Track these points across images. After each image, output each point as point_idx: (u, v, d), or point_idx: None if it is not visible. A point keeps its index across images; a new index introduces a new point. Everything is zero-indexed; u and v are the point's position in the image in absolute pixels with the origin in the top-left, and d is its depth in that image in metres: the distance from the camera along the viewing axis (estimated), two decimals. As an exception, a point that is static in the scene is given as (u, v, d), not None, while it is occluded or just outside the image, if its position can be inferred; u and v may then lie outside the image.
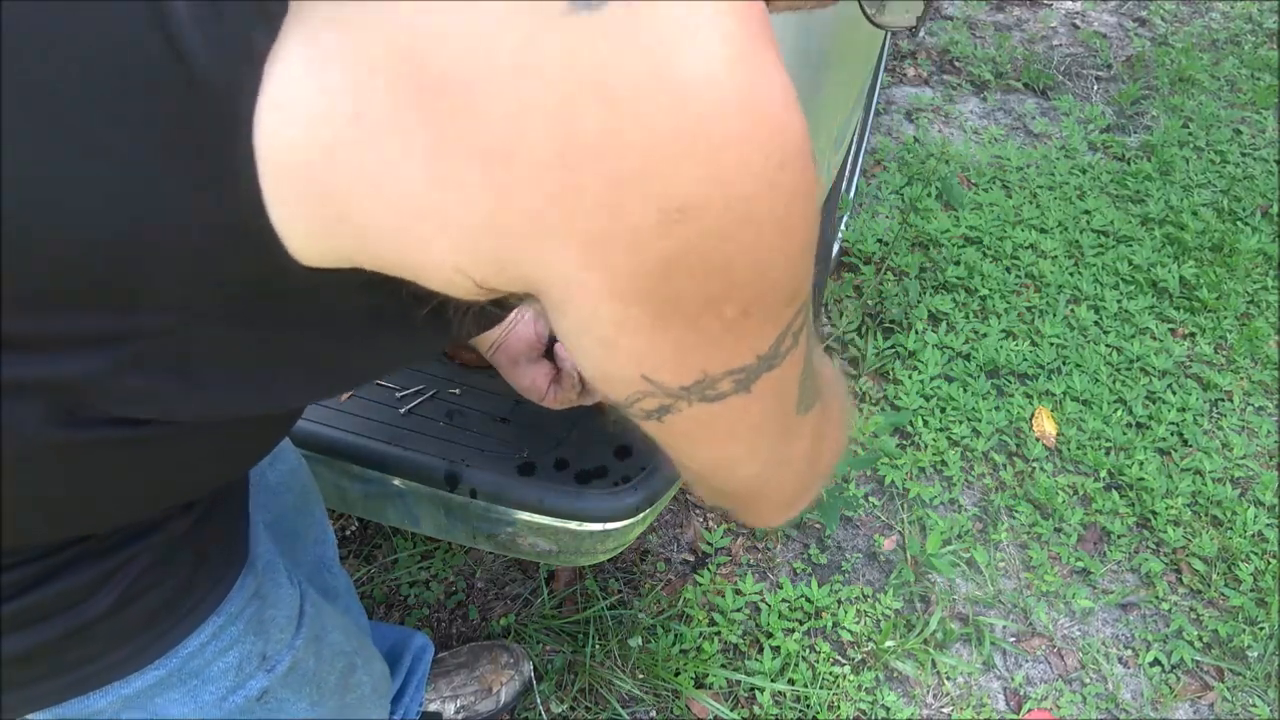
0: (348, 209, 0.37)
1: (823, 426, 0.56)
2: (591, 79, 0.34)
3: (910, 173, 2.53)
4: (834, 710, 1.48)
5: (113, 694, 0.60)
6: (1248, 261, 2.35)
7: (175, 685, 0.64)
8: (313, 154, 0.36)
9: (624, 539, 1.03)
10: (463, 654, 1.46)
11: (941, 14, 3.32)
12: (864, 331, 2.07)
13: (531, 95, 0.34)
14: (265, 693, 0.71)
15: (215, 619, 0.64)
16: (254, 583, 0.69)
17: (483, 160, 0.35)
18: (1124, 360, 2.07)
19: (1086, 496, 1.81)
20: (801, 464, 0.56)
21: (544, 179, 0.35)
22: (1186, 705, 1.55)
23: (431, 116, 0.34)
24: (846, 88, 1.16)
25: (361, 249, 0.39)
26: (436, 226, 0.37)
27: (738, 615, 1.58)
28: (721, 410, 0.45)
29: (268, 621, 0.70)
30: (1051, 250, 2.32)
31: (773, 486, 0.55)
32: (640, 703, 1.47)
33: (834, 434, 0.60)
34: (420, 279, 0.40)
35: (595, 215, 0.36)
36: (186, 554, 0.61)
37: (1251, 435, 1.96)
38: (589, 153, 0.34)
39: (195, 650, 0.63)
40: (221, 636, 0.65)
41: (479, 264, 0.39)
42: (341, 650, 0.83)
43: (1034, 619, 1.63)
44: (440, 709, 1.39)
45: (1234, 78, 3.10)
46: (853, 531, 1.73)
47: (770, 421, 0.49)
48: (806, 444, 0.55)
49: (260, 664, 0.70)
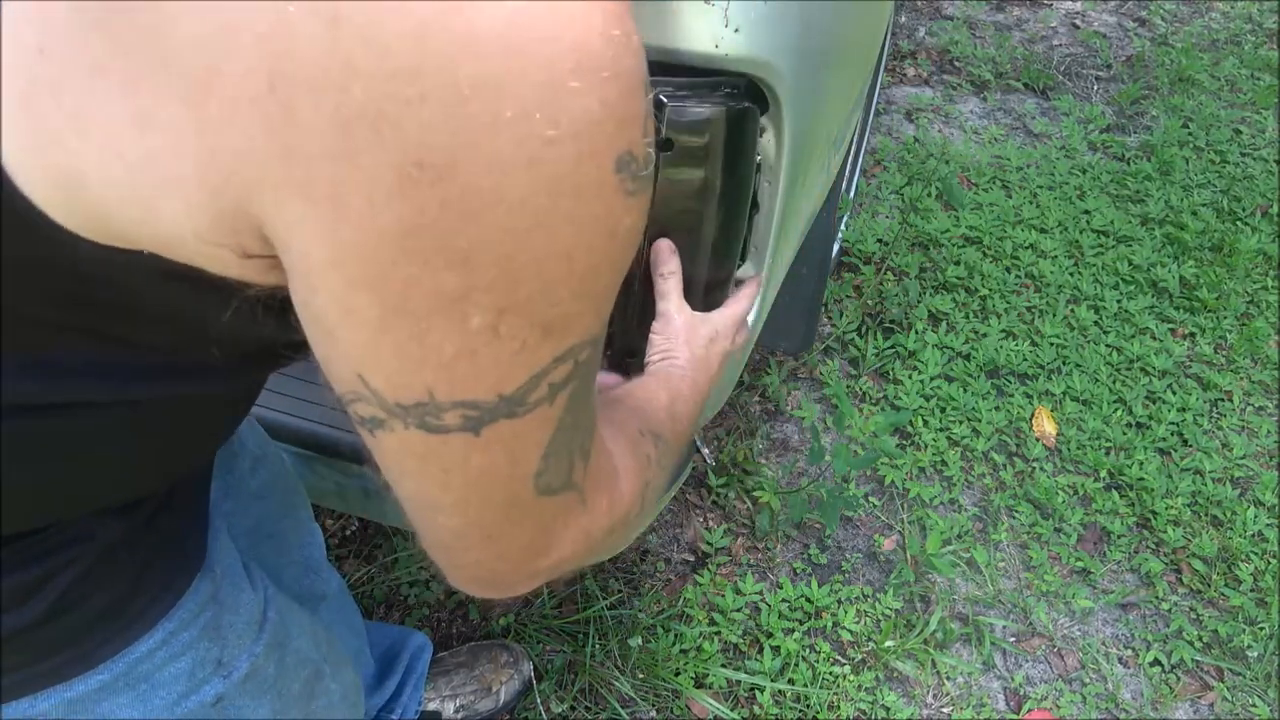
0: (76, 168, 0.32)
1: (571, 525, 0.46)
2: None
3: (910, 173, 2.53)
4: (834, 710, 1.48)
5: (55, 697, 0.58)
6: (1248, 261, 2.35)
7: (123, 689, 0.61)
8: (14, 105, 0.30)
9: (624, 539, 1.03)
10: (462, 653, 1.46)
11: (941, 14, 3.32)
12: (864, 331, 2.07)
13: (236, 10, 0.28)
14: (221, 699, 0.68)
15: (166, 624, 0.61)
16: (210, 587, 0.66)
17: (183, 93, 0.29)
18: (1124, 360, 2.07)
19: (1086, 496, 1.81)
20: (517, 551, 0.46)
21: (253, 113, 0.29)
22: (1186, 705, 1.55)
23: (122, 42, 0.29)
24: (846, 88, 1.16)
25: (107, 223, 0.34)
26: (155, 182, 0.31)
27: (738, 615, 1.58)
28: (439, 445, 0.38)
29: (225, 627, 0.68)
30: (1051, 250, 2.32)
31: (472, 556, 0.46)
32: (640, 703, 1.47)
33: (586, 540, 0.48)
34: (173, 254, 0.35)
35: (318, 163, 0.30)
36: (129, 560, 0.58)
37: (1251, 435, 1.96)
38: (308, 82, 0.28)
39: (144, 655, 0.61)
40: (172, 642, 0.63)
41: (217, 228, 0.33)
42: (308, 658, 0.80)
43: (1034, 619, 1.63)
44: (440, 708, 1.39)
45: (1234, 78, 3.10)
46: (853, 531, 1.73)
47: (492, 484, 0.41)
48: (532, 534, 0.45)
49: (215, 669, 0.67)
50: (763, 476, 1.77)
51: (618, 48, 0.32)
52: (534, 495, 0.42)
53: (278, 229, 0.32)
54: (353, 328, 0.34)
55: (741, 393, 1.93)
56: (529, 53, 0.29)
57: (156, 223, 0.33)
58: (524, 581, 0.49)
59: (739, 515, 1.73)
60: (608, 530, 0.50)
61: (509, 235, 0.32)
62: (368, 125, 0.29)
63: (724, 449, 1.81)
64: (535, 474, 0.41)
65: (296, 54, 0.28)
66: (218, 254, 0.35)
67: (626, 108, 0.32)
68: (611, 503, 0.50)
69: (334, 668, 0.85)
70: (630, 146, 0.33)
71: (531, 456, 0.40)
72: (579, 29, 0.31)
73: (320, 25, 0.28)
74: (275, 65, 0.28)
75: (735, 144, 0.84)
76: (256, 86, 0.29)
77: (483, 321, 0.34)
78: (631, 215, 0.35)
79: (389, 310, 0.33)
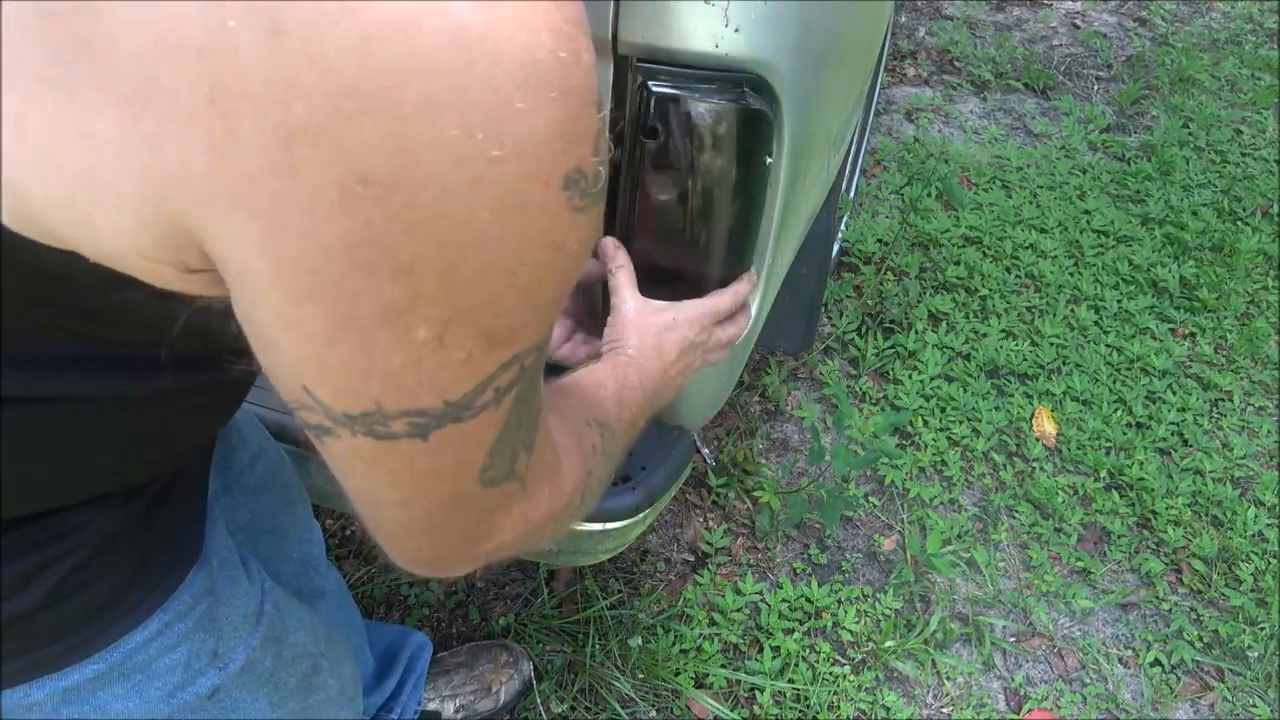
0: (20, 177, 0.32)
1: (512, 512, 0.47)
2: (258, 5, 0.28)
3: (910, 173, 2.53)
4: (834, 710, 1.48)
5: (49, 686, 0.58)
6: (1248, 261, 2.35)
7: (118, 680, 0.62)
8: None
9: (624, 539, 1.03)
10: (462, 653, 1.46)
11: (941, 14, 3.32)
12: (864, 331, 2.07)
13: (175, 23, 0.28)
14: (217, 690, 0.69)
15: (161, 615, 0.62)
16: (206, 580, 0.66)
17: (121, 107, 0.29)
18: (1124, 360, 2.07)
19: (1086, 496, 1.81)
20: (459, 539, 0.48)
21: (194, 128, 0.29)
22: (1186, 705, 1.55)
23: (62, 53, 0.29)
24: (846, 88, 1.16)
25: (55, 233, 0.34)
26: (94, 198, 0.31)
27: (738, 615, 1.58)
28: (387, 451, 0.39)
29: (220, 619, 0.68)
30: (1051, 250, 2.32)
31: (414, 543, 0.48)
32: (640, 703, 1.47)
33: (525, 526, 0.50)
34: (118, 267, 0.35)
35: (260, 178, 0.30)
36: (128, 551, 0.59)
37: (1251, 435, 1.96)
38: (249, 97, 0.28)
39: (139, 645, 0.61)
40: (168, 633, 0.63)
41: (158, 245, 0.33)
42: (305, 651, 0.80)
43: (1034, 619, 1.63)
44: (440, 708, 1.39)
45: (1234, 78, 3.10)
46: (853, 531, 1.73)
47: (438, 482, 0.42)
48: (474, 523, 0.46)
49: (211, 661, 0.67)
50: (763, 476, 1.77)
51: (566, 68, 0.32)
52: (479, 489, 0.43)
53: (218, 245, 0.32)
54: (297, 341, 0.35)
55: (741, 393, 1.93)
56: (474, 73, 0.29)
57: (97, 238, 0.33)
58: (464, 564, 0.50)
59: (739, 515, 1.73)
60: (548, 517, 0.51)
61: (453, 250, 0.32)
62: (309, 141, 0.29)
63: (724, 449, 1.81)
64: (481, 470, 0.42)
65: (237, 68, 0.28)
66: (159, 270, 0.35)
67: (575, 127, 0.33)
68: (552, 491, 0.51)
69: (332, 663, 0.85)
70: (579, 165, 0.33)
71: (477, 455, 0.41)
72: (525, 50, 0.30)
73: (261, 40, 0.28)
74: (215, 80, 0.28)
75: (738, 142, 0.84)
76: (196, 101, 0.28)
77: (429, 333, 0.34)
78: (579, 230, 0.35)
79: (335, 324, 0.33)
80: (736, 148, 0.83)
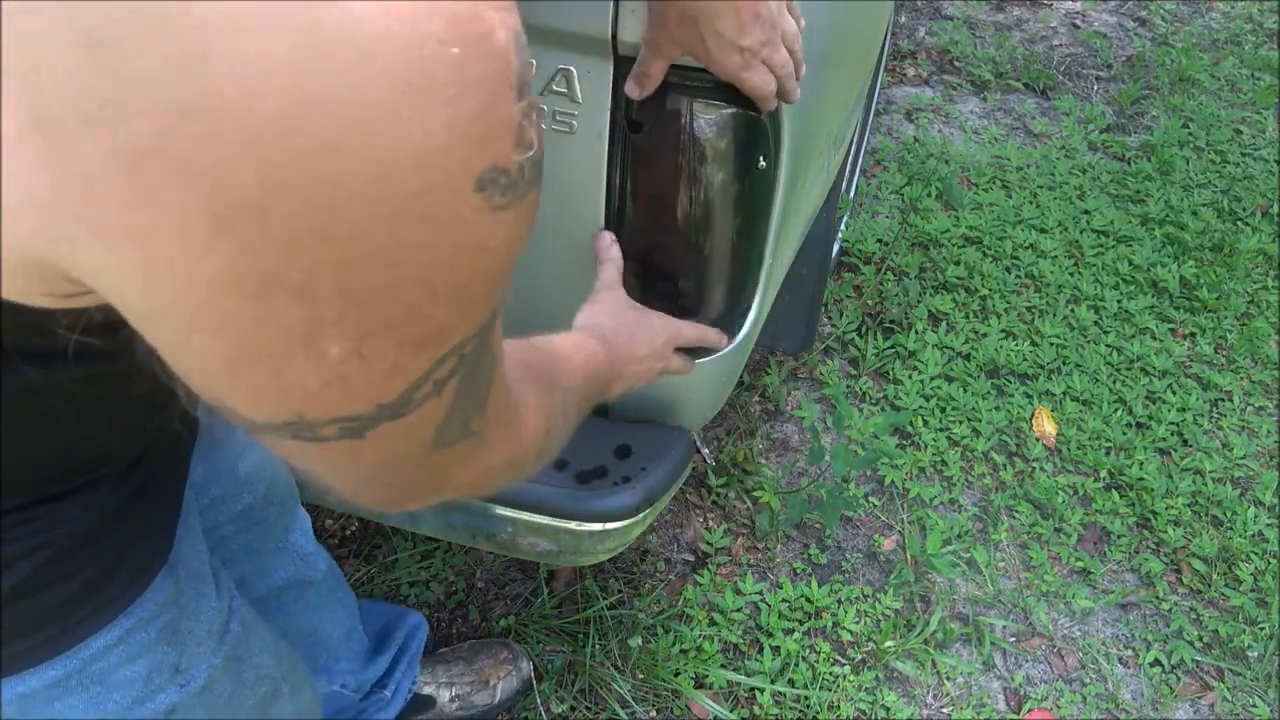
0: None
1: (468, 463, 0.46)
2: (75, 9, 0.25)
3: (910, 173, 2.53)
4: (834, 710, 1.48)
5: (7, 691, 0.57)
6: (1248, 261, 2.35)
7: (76, 689, 0.60)
8: None
9: (624, 539, 1.03)
10: (464, 649, 1.46)
11: (941, 14, 3.32)
12: (864, 331, 2.07)
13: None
14: (174, 709, 0.66)
15: (124, 621, 0.60)
16: (172, 589, 0.64)
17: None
18: (1124, 360, 2.07)
19: (1086, 496, 1.81)
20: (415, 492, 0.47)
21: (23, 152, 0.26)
22: (1186, 705, 1.55)
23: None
24: (846, 88, 1.16)
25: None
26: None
27: (738, 615, 1.58)
28: (321, 449, 0.37)
29: (184, 633, 0.66)
30: (1051, 250, 2.32)
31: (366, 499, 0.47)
32: (640, 703, 1.47)
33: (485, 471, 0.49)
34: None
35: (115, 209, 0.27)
36: (95, 552, 0.57)
37: (1251, 435, 1.96)
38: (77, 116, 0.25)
39: (99, 652, 0.59)
40: (130, 641, 0.61)
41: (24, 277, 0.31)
42: (267, 675, 0.78)
43: (1034, 619, 1.63)
44: (435, 694, 1.39)
45: (1234, 78, 3.10)
46: (853, 531, 1.73)
47: (385, 465, 0.40)
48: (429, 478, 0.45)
49: (172, 676, 0.65)
50: (763, 476, 1.77)
51: (463, 59, 0.28)
52: (431, 454, 0.42)
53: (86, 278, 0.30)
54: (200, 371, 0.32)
55: (741, 393, 1.93)
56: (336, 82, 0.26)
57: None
58: (417, 503, 0.49)
59: (739, 515, 1.73)
60: (506, 463, 0.50)
61: (352, 269, 0.29)
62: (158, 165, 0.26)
63: (724, 449, 1.81)
64: (431, 445, 0.40)
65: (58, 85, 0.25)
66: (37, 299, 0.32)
67: (484, 123, 0.29)
68: (511, 436, 0.50)
69: (293, 689, 0.84)
70: (495, 162, 0.30)
71: (425, 437, 0.39)
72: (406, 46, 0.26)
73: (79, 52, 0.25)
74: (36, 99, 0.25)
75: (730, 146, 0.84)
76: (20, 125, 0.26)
77: (343, 350, 0.31)
78: (505, 228, 0.32)
79: (235, 355, 0.31)
80: (728, 151, 0.84)
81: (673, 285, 0.93)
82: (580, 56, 0.80)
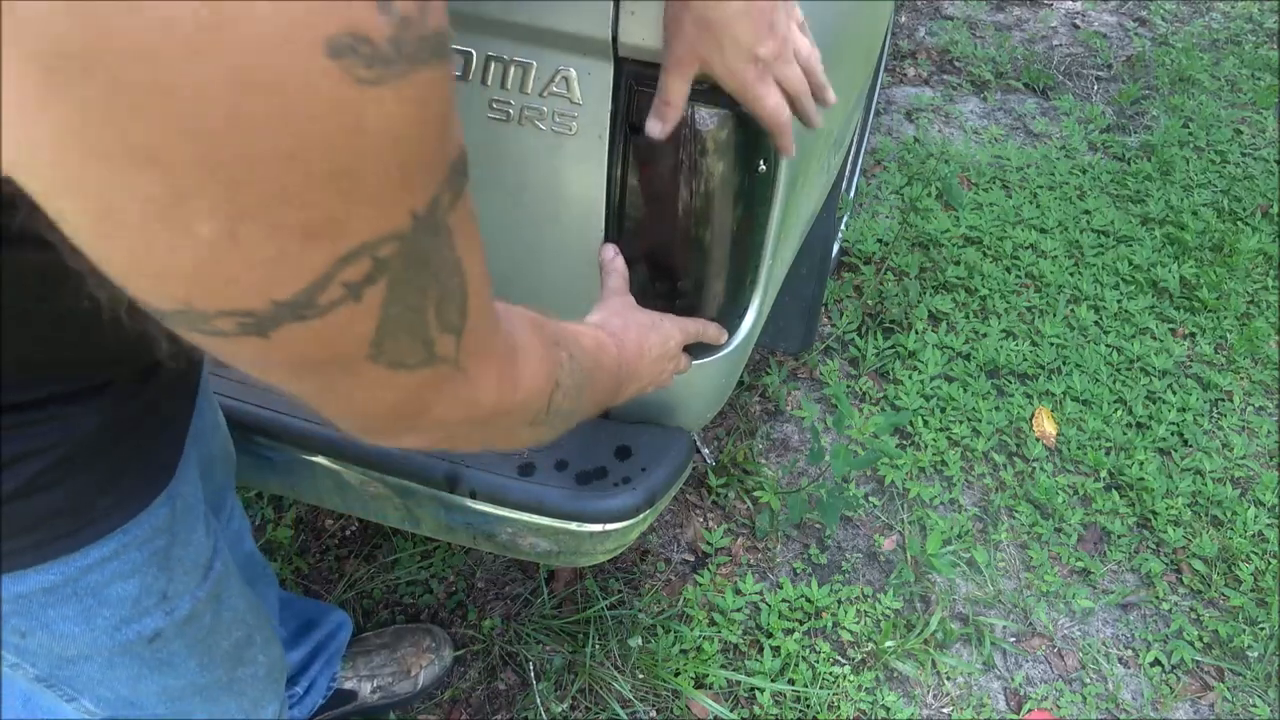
0: None
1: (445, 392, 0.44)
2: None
3: (910, 173, 2.53)
4: (834, 710, 1.48)
5: (6, 589, 0.59)
6: (1248, 261, 2.35)
7: (70, 599, 0.63)
8: None
9: (624, 539, 1.03)
10: (386, 635, 1.46)
11: (941, 14, 3.32)
12: (864, 331, 2.07)
13: None
14: (158, 635, 0.70)
15: (120, 536, 0.62)
16: (168, 516, 0.67)
17: None
18: (1124, 360, 2.07)
19: (1086, 496, 1.81)
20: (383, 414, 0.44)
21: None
22: (1186, 705, 1.55)
23: None
24: (846, 88, 1.16)
25: None
26: None
27: (738, 615, 1.58)
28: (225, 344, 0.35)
29: (174, 560, 0.69)
30: (1051, 250, 2.32)
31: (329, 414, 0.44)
32: (640, 703, 1.47)
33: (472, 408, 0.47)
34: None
35: None
36: (101, 462, 0.59)
37: (1251, 435, 1.96)
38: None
39: (94, 564, 0.62)
40: (123, 557, 0.64)
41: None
42: (242, 619, 0.81)
43: (1034, 619, 1.63)
44: (356, 688, 1.39)
45: (1234, 78, 3.10)
46: (853, 531, 1.73)
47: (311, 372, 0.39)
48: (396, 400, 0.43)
49: (159, 602, 0.68)
50: (763, 476, 1.77)
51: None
52: (385, 373, 0.40)
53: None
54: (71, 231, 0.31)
55: (741, 393, 1.93)
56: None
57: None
58: (406, 436, 0.47)
59: (739, 515, 1.73)
60: (496, 407, 0.48)
61: (197, 136, 0.27)
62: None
63: (724, 449, 1.81)
64: (368, 358, 0.38)
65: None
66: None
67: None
68: (503, 379, 0.48)
69: (264, 640, 0.87)
70: (350, 27, 0.27)
71: (353, 348, 0.37)
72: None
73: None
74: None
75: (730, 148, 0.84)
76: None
77: (214, 229, 0.30)
78: (382, 106, 0.29)
79: (97, 218, 0.30)
80: (728, 152, 0.84)
81: (672, 285, 0.94)
82: (580, 58, 0.81)
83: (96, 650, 0.68)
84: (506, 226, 0.96)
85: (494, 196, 0.93)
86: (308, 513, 1.67)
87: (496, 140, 0.86)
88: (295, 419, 1.02)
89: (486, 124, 0.86)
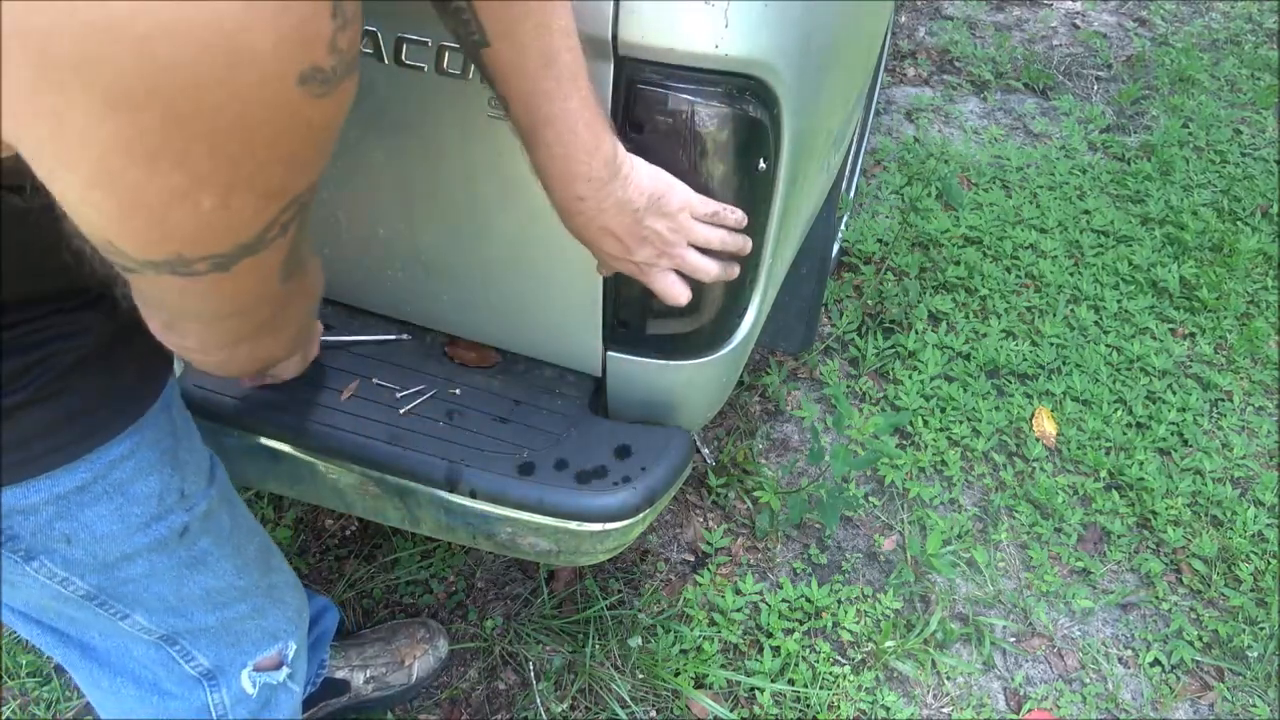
0: None
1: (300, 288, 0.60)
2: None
3: (910, 173, 2.53)
4: (834, 710, 1.48)
5: (45, 491, 0.67)
6: (1248, 261, 2.35)
7: (102, 498, 0.70)
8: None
9: (624, 539, 1.03)
10: (382, 630, 1.47)
11: (941, 14, 3.32)
12: (864, 331, 2.07)
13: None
14: (186, 530, 0.78)
15: (134, 434, 0.70)
16: (168, 421, 0.75)
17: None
18: (1124, 360, 2.07)
19: (1086, 496, 1.81)
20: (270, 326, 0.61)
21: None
22: (1186, 705, 1.55)
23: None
24: (846, 88, 1.16)
25: None
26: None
27: (738, 615, 1.58)
28: (192, 282, 0.48)
29: (183, 461, 0.77)
30: (1051, 250, 2.32)
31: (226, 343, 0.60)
32: (640, 703, 1.47)
33: (305, 296, 0.64)
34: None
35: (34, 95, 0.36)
36: (111, 361, 0.67)
37: (1251, 435, 1.96)
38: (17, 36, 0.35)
39: (116, 459, 0.70)
40: (139, 455, 0.71)
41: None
42: (257, 529, 0.89)
43: (1034, 619, 1.63)
44: (349, 678, 1.39)
45: (1234, 78, 3.10)
46: (853, 531, 1.73)
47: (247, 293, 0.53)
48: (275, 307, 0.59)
49: (180, 500, 0.76)
50: (763, 476, 1.77)
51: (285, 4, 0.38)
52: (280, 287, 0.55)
53: None
54: (94, 216, 0.42)
55: (741, 393, 1.93)
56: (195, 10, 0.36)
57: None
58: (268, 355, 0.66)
59: (739, 515, 1.73)
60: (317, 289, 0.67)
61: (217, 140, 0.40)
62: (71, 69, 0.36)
63: (724, 449, 1.81)
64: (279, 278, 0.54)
65: None
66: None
67: (301, 34, 0.39)
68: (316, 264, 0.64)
69: (280, 559, 0.93)
70: (313, 63, 0.40)
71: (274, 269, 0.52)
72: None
73: None
74: None
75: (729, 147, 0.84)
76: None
77: (214, 202, 0.42)
78: (324, 109, 0.42)
79: (126, 207, 0.41)
80: (728, 151, 0.83)
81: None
82: (580, 57, 0.80)
83: (135, 550, 0.75)
84: (507, 224, 0.96)
85: (494, 194, 0.93)
86: (308, 513, 1.67)
87: (497, 139, 0.86)
88: (299, 420, 1.02)
89: (487, 123, 0.86)
